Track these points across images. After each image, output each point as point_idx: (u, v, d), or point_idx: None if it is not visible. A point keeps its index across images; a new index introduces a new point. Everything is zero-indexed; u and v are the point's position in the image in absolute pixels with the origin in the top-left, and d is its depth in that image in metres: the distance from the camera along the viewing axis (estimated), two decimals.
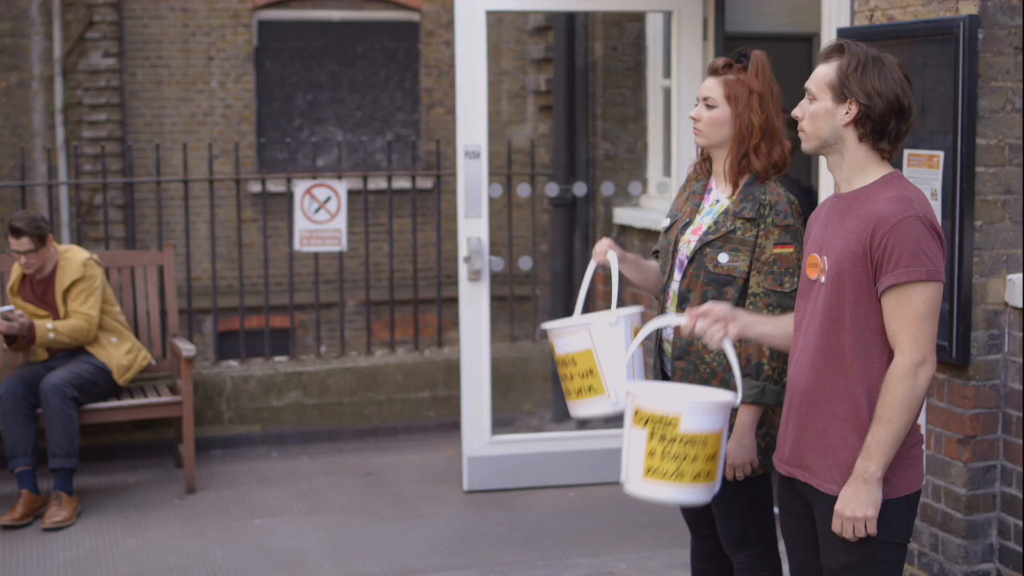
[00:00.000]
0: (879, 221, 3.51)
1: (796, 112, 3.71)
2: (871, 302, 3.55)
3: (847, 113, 3.59)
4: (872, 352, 3.57)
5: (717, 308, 3.85)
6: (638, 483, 3.82)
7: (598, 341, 4.17)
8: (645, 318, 4.34)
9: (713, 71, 4.39)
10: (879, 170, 3.64)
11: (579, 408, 4.30)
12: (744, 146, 4.33)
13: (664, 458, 3.75)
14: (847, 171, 3.66)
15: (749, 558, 4.40)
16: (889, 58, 3.62)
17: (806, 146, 3.71)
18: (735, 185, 4.37)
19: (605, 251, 4.39)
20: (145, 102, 14.32)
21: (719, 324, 3.82)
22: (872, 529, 3.54)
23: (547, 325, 4.37)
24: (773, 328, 3.94)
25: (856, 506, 3.53)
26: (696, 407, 3.75)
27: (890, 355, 3.54)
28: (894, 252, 3.48)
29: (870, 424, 3.55)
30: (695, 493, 3.81)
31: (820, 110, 3.63)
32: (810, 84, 3.67)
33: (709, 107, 4.36)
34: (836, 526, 3.58)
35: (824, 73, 3.64)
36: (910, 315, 3.49)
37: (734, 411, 4.16)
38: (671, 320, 4.02)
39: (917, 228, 3.48)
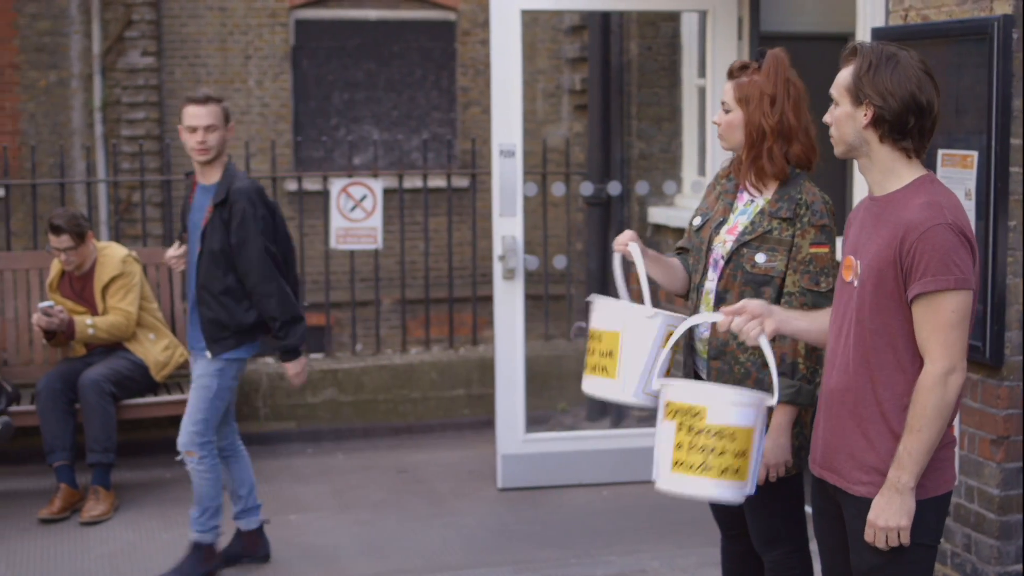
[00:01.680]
0: (908, 228, 3.49)
1: (826, 118, 3.71)
2: (901, 308, 3.55)
3: (864, 115, 3.58)
4: (902, 357, 3.57)
5: (752, 305, 3.84)
6: (666, 477, 3.82)
7: (628, 328, 4.16)
8: None
9: (729, 74, 4.40)
10: (910, 172, 3.62)
11: (589, 384, 4.27)
12: (755, 149, 4.33)
13: (691, 450, 3.74)
14: (877, 174, 3.65)
15: (780, 557, 4.40)
16: (905, 55, 3.59)
17: (837, 151, 3.71)
18: (761, 186, 4.38)
19: (626, 242, 4.36)
20: (183, 101, 14.37)
21: (755, 321, 3.82)
22: (905, 539, 3.54)
23: (594, 297, 4.34)
24: (808, 324, 3.94)
25: (889, 516, 3.53)
26: (724, 399, 3.75)
27: (920, 362, 3.53)
28: (922, 260, 3.47)
29: (895, 428, 3.55)
30: (722, 489, 3.77)
31: (842, 115, 3.64)
32: (833, 90, 3.67)
33: (726, 111, 4.39)
34: (869, 535, 3.58)
35: (843, 77, 3.64)
36: (940, 323, 3.48)
37: (771, 411, 4.16)
38: (707, 318, 4.01)
39: (946, 236, 3.47)
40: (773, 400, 3.81)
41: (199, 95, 6.12)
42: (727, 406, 3.73)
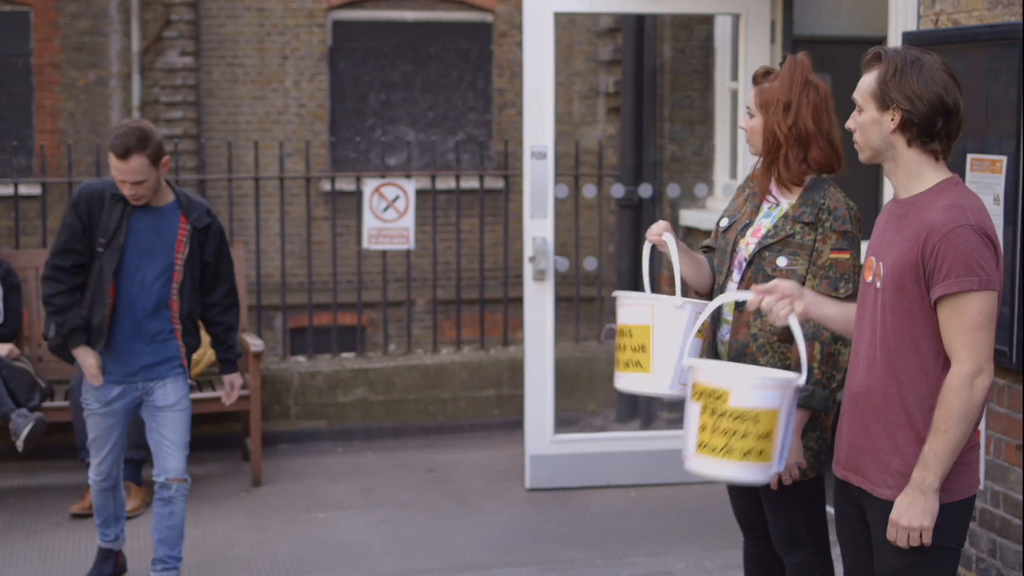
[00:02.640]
0: (931, 230, 3.49)
1: (849, 124, 3.71)
2: (925, 310, 3.54)
3: (892, 120, 3.57)
4: (925, 359, 3.57)
5: (784, 285, 3.86)
6: (691, 458, 3.83)
7: (659, 320, 4.18)
8: None
9: (754, 80, 4.42)
10: (935, 175, 3.62)
11: (622, 380, 4.29)
12: (771, 154, 4.35)
13: (714, 433, 3.75)
14: (903, 177, 3.65)
15: (801, 560, 4.41)
16: (929, 58, 3.59)
17: (862, 156, 3.70)
18: (781, 190, 4.39)
19: (661, 232, 4.36)
20: (220, 100, 14.50)
21: (785, 300, 3.83)
22: (927, 539, 3.53)
23: (618, 293, 4.37)
24: (837, 311, 3.94)
25: (912, 516, 3.53)
26: (747, 381, 3.75)
27: (944, 363, 3.53)
28: (946, 262, 3.46)
29: (921, 430, 3.55)
30: (746, 471, 3.77)
31: (868, 120, 3.63)
32: (856, 96, 3.66)
33: (751, 116, 4.41)
34: (891, 534, 3.58)
35: (866, 83, 3.63)
36: (965, 325, 3.47)
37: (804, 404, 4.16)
38: (739, 295, 4.04)
39: (969, 237, 3.46)
40: (802, 379, 3.79)
41: (119, 147, 5.41)
42: (749, 389, 3.74)
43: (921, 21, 5.53)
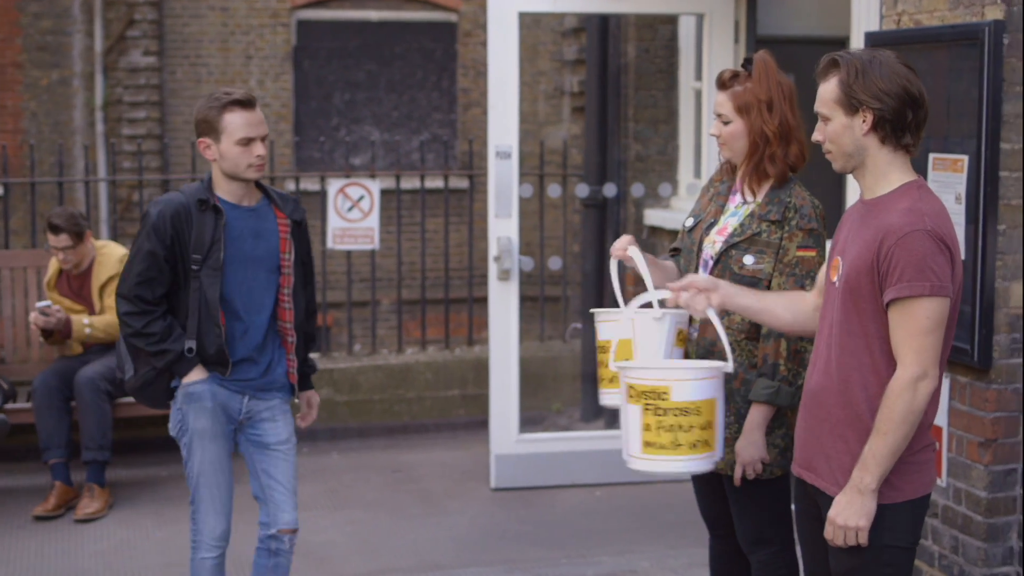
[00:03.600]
0: (887, 233, 3.51)
1: (816, 136, 3.71)
2: (878, 311, 3.56)
3: (864, 122, 3.58)
4: (877, 360, 3.59)
5: (699, 279, 3.96)
6: (638, 460, 3.95)
7: (639, 334, 4.21)
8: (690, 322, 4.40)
9: (721, 85, 4.42)
10: (901, 176, 3.63)
11: (607, 397, 4.39)
12: (759, 154, 4.37)
13: (659, 431, 3.86)
14: (870, 179, 3.66)
15: (766, 557, 4.43)
16: (884, 54, 3.62)
17: (836, 166, 3.69)
18: (758, 189, 4.41)
19: (625, 247, 4.41)
20: (184, 100, 14.44)
21: (702, 295, 3.92)
22: (863, 539, 3.56)
23: (597, 312, 4.42)
24: (755, 302, 4.00)
25: (848, 515, 3.55)
26: (685, 376, 3.87)
27: (895, 366, 3.55)
28: (899, 265, 3.48)
29: (871, 430, 3.56)
30: (695, 463, 3.91)
31: (838, 128, 3.62)
32: (819, 107, 3.66)
33: (725, 123, 4.40)
34: (828, 533, 3.61)
35: (828, 91, 3.63)
36: (913, 329, 3.49)
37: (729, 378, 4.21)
38: (656, 295, 4.10)
39: (923, 242, 3.47)
40: (729, 367, 3.95)
41: (243, 96, 4.83)
42: (689, 383, 3.86)
43: (884, 21, 5.56)
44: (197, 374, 4.81)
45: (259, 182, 4.96)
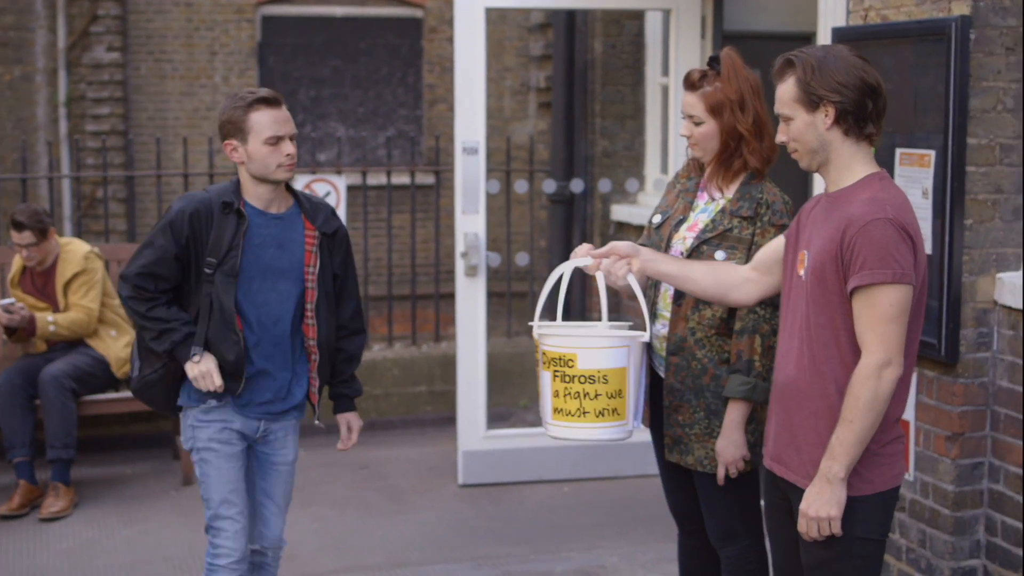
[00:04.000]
0: (849, 222, 3.54)
1: (780, 138, 3.74)
2: (843, 302, 3.59)
3: (826, 116, 3.61)
4: (844, 351, 3.61)
5: (620, 245, 4.02)
6: (550, 425, 4.01)
7: (634, 361, 4.13)
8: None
9: (691, 85, 4.40)
10: (864, 168, 3.66)
11: (601, 432, 4.28)
12: (728, 152, 4.37)
13: (567, 397, 3.93)
14: (834, 173, 3.69)
15: (736, 552, 4.43)
16: (837, 48, 3.67)
17: (803, 164, 3.73)
18: (727, 186, 4.41)
19: (586, 254, 4.14)
20: (148, 96, 14.36)
21: (623, 261, 3.99)
22: (836, 529, 3.58)
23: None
24: (676, 269, 4.06)
25: (819, 506, 3.57)
26: (592, 344, 3.91)
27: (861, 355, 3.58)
28: (861, 253, 3.51)
29: None
30: (602, 431, 3.97)
31: (801, 126, 3.66)
32: (780, 109, 3.70)
33: (696, 123, 4.39)
34: (801, 526, 3.62)
35: (787, 91, 3.66)
36: (876, 317, 3.52)
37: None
38: (576, 263, 4.08)
39: (885, 230, 3.50)
40: (646, 336, 4.01)
41: (268, 94, 4.59)
42: (595, 351, 3.91)
43: (850, 17, 5.57)
44: (206, 360, 4.55)
45: (294, 189, 4.75)
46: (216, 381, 4.53)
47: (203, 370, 4.54)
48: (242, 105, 4.54)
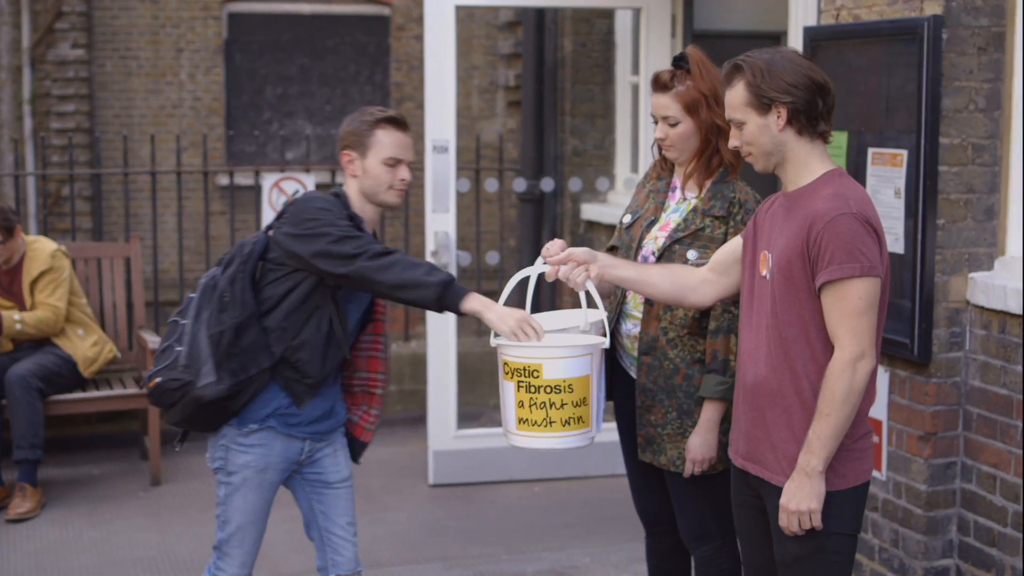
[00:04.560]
0: (815, 218, 3.57)
1: (733, 143, 3.76)
2: (812, 298, 3.62)
3: (779, 118, 3.65)
4: (815, 347, 3.64)
5: (578, 251, 4.01)
6: (514, 436, 4.02)
7: (596, 368, 4.13)
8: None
9: (662, 87, 4.37)
10: (821, 166, 3.70)
11: (567, 440, 4.26)
12: (711, 149, 4.36)
13: (532, 408, 3.93)
14: (792, 172, 3.73)
15: (709, 552, 4.43)
16: (783, 50, 3.72)
17: (759, 167, 3.77)
18: (703, 184, 4.40)
19: (557, 252, 4.06)
20: (114, 94, 14.27)
21: (581, 267, 3.98)
22: (817, 522, 3.60)
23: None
24: (633, 273, 4.07)
25: (800, 499, 3.59)
26: (557, 354, 3.91)
27: (832, 349, 3.60)
28: (828, 249, 3.54)
29: None
30: (568, 440, 3.97)
31: (754, 130, 3.68)
32: (731, 114, 3.72)
33: (672, 125, 4.37)
34: (782, 520, 3.64)
35: (737, 96, 3.69)
36: (847, 310, 3.55)
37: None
38: (535, 269, 4.07)
39: (851, 224, 3.54)
40: (606, 342, 4.02)
41: (397, 115, 4.47)
42: (560, 361, 3.91)
43: (822, 16, 5.57)
44: (477, 301, 4.19)
45: None
46: (536, 325, 4.05)
47: (520, 316, 4.07)
48: (370, 120, 4.43)
